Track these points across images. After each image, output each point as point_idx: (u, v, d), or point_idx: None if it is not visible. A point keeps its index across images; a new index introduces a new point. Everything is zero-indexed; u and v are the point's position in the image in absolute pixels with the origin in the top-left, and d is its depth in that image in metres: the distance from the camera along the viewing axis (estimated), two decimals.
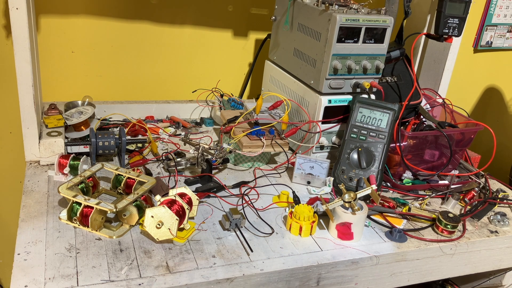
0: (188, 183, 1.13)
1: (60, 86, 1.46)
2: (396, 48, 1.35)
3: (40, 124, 1.19)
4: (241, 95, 1.66)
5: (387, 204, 1.13)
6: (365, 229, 1.05)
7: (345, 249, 0.98)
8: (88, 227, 0.92)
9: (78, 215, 0.91)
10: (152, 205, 1.01)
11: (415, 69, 1.57)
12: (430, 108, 1.45)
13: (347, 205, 1.00)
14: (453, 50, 1.49)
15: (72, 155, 1.11)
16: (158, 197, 0.92)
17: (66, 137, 1.22)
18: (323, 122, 1.24)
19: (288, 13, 1.34)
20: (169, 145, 1.32)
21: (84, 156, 1.12)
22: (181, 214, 0.91)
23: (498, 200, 1.23)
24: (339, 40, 1.18)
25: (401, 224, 1.09)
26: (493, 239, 1.10)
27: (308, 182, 1.20)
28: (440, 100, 1.45)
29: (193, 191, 1.07)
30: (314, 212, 1.02)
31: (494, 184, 1.33)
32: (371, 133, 1.18)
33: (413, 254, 1.02)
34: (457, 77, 1.65)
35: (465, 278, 1.28)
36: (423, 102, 1.41)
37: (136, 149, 1.26)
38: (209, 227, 0.99)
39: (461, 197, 1.22)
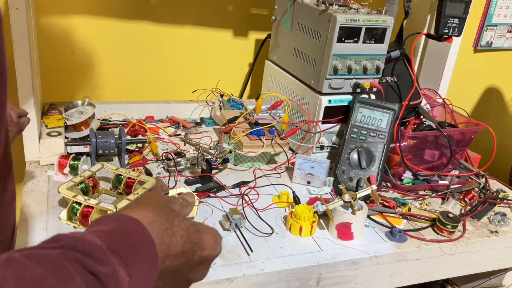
0: (188, 183, 1.13)
1: (60, 86, 1.46)
2: (396, 48, 1.35)
3: (40, 124, 1.19)
4: (241, 95, 1.66)
5: (387, 204, 1.13)
6: (365, 229, 1.05)
7: (345, 249, 0.98)
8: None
9: (78, 215, 0.91)
10: None
11: (415, 69, 1.57)
12: (430, 108, 1.45)
13: (347, 205, 1.00)
14: (453, 50, 1.49)
15: (72, 155, 1.11)
16: None
17: (66, 137, 1.22)
18: (323, 122, 1.24)
19: (288, 13, 1.34)
20: (169, 145, 1.32)
21: (84, 156, 1.12)
22: None
23: (498, 200, 1.23)
24: (339, 40, 1.18)
25: (401, 224, 1.09)
26: (493, 239, 1.10)
27: (308, 182, 1.20)
28: (440, 100, 1.45)
29: (193, 191, 1.07)
30: (314, 212, 1.02)
31: (494, 184, 1.33)
32: (371, 133, 1.18)
33: (413, 254, 1.02)
34: (457, 77, 1.65)
35: (465, 278, 1.28)
36: (423, 102, 1.41)
37: (136, 149, 1.26)
38: None
39: (461, 197, 1.22)
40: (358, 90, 1.26)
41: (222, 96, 1.49)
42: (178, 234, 0.49)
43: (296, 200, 1.10)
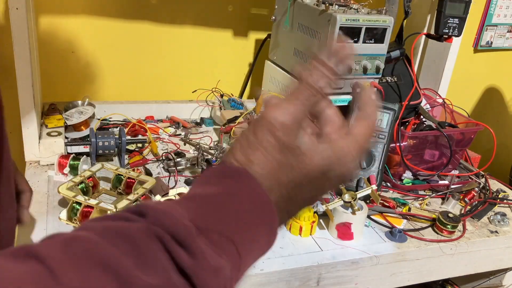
0: (188, 183, 1.13)
1: (60, 86, 1.46)
2: (396, 48, 1.34)
3: (40, 124, 1.19)
4: (241, 95, 1.66)
5: (387, 204, 1.13)
6: (365, 229, 1.05)
7: (345, 249, 0.98)
8: None
9: (78, 215, 0.91)
10: None
11: (415, 69, 1.57)
12: (430, 108, 1.45)
13: (347, 205, 1.00)
14: (453, 50, 1.49)
15: (72, 155, 1.11)
16: (158, 197, 0.92)
17: (66, 137, 1.22)
18: None
19: (288, 13, 1.34)
20: (169, 145, 1.32)
21: (84, 156, 1.12)
22: None
23: (498, 200, 1.23)
24: (339, 40, 1.17)
25: (401, 224, 1.09)
26: (493, 239, 1.10)
27: None
28: (440, 100, 1.45)
29: None
30: (314, 212, 1.02)
31: (494, 184, 1.33)
32: None
33: (413, 254, 1.02)
34: (457, 77, 1.65)
35: (465, 278, 1.28)
36: (423, 102, 1.41)
37: (136, 149, 1.26)
38: None
39: (461, 197, 1.22)
40: (358, 90, 1.26)
41: (222, 96, 1.49)
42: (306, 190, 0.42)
43: None
